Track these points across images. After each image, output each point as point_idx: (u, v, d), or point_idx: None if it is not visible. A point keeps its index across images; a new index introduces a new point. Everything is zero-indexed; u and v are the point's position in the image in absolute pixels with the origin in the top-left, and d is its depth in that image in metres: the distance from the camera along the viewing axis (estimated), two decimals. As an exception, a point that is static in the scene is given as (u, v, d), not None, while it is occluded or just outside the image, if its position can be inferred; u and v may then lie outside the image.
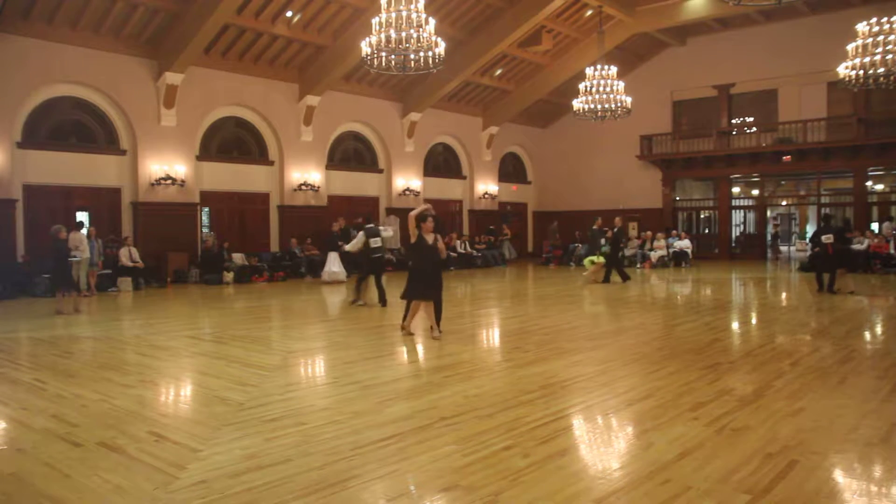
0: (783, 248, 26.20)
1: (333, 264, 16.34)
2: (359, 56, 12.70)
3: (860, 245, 17.66)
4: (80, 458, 4.13)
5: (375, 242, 11.46)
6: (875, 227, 21.16)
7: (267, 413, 5.05)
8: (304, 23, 17.35)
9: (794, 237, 31.08)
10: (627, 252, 21.96)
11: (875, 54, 13.92)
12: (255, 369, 6.62)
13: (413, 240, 8.27)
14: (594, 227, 17.10)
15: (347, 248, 12.54)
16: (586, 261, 16.53)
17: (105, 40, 15.47)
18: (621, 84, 18.22)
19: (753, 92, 23.45)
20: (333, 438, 4.41)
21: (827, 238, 11.12)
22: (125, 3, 14.75)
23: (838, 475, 3.82)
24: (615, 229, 15.88)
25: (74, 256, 12.43)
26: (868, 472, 3.85)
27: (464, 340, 8.28)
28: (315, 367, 7.16)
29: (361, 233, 11.60)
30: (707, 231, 25.27)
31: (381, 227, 12.29)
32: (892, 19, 13.92)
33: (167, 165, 16.66)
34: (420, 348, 7.75)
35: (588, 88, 17.94)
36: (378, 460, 4.00)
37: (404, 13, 11.22)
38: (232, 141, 18.78)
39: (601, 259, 15.83)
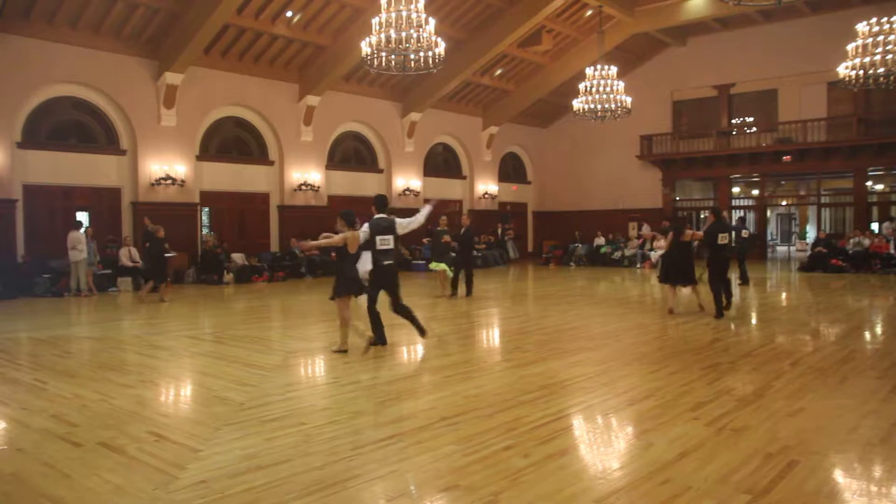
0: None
1: (366, 263, 16.43)
2: (359, 56, 12.69)
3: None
4: (80, 458, 4.13)
5: (385, 242, 7.63)
6: (875, 227, 21.17)
7: (267, 413, 5.05)
8: (304, 23, 17.35)
9: (794, 237, 31.15)
10: (627, 252, 22.00)
11: (875, 54, 13.91)
12: (255, 369, 6.62)
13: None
14: (437, 227, 13.31)
15: (326, 242, 7.89)
16: (431, 265, 13.39)
17: (105, 40, 15.47)
18: (621, 84, 18.20)
19: (753, 92, 23.44)
20: (333, 438, 4.41)
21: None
22: (125, 3, 14.75)
23: (838, 475, 3.82)
24: (462, 230, 13.13)
25: (169, 253, 13.93)
26: (868, 472, 3.85)
27: (464, 340, 8.28)
28: (315, 367, 7.16)
29: (366, 225, 7.63)
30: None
31: (400, 220, 7.88)
32: (892, 19, 13.92)
33: (167, 165, 16.65)
34: (419, 348, 7.75)
35: (588, 88, 17.93)
36: (378, 460, 4.00)
37: (404, 13, 11.21)
38: (232, 141, 18.78)
39: (441, 266, 12.87)
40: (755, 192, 25.26)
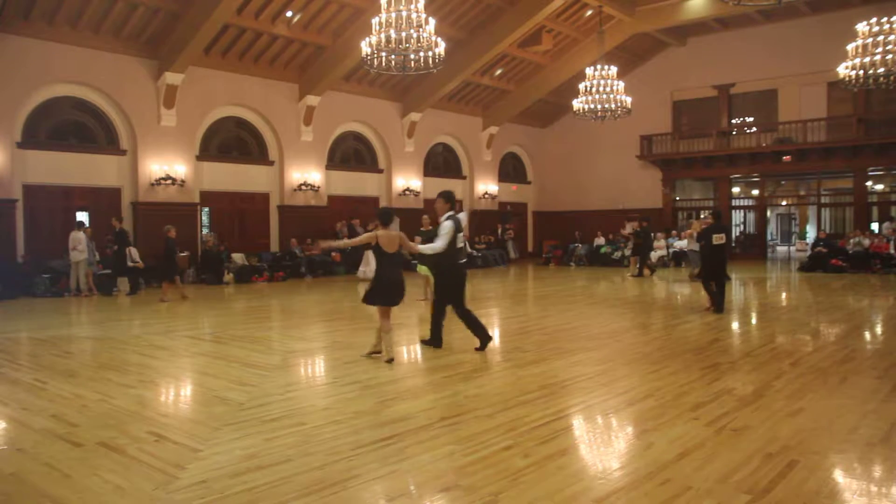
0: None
1: (371, 262, 16.43)
2: (359, 56, 12.69)
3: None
4: (80, 458, 4.13)
5: (460, 241, 7.55)
6: (875, 227, 21.18)
7: (267, 413, 5.04)
8: (304, 23, 17.35)
9: (793, 237, 31.18)
10: (627, 252, 21.96)
11: (875, 54, 13.93)
12: (255, 369, 6.62)
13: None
14: (420, 227, 11.98)
15: (429, 248, 7.41)
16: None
17: (105, 40, 15.47)
18: (621, 84, 18.21)
19: (753, 92, 23.45)
20: (333, 438, 4.41)
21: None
22: (125, 3, 14.75)
23: (838, 475, 3.82)
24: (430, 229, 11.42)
25: (182, 252, 14.12)
26: (868, 472, 3.85)
27: (464, 340, 8.27)
28: (315, 367, 7.16)
29: (449, 222, 7.31)
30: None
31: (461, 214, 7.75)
32: (892, 19, 13.93)
33: (167, 165, 16.65)
34: (419, 348, 7.75)
35: (588, 88, 17.93)
36: (378, 460, 4.00)
37: (404, 13, 11.22)
38: (232, 141, 18.78)
39: (424, 269, 11.11)
40: (755, 192, 25.26)
